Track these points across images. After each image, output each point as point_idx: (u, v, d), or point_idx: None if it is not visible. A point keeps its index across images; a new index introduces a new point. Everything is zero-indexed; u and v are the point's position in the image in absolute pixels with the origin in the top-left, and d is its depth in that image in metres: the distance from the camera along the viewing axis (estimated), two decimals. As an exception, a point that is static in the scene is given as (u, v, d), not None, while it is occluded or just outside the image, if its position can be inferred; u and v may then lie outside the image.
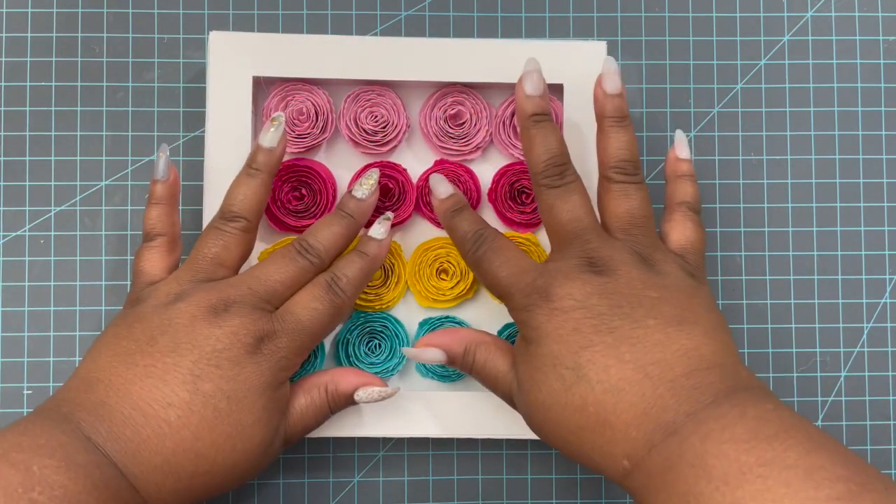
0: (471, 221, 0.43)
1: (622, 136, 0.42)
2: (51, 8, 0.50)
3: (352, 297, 0.42)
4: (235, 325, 0.39)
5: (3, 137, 0.49)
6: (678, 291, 0.39)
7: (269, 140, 0.43)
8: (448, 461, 0.49)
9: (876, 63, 0.52)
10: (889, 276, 0.51)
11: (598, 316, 0.38)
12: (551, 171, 0.42)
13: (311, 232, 0.43)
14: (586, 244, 0.40)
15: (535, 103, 0.43)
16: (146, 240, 0.43)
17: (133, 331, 0.40)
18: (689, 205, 0.44)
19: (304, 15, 0.51)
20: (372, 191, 0.44)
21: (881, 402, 0.50)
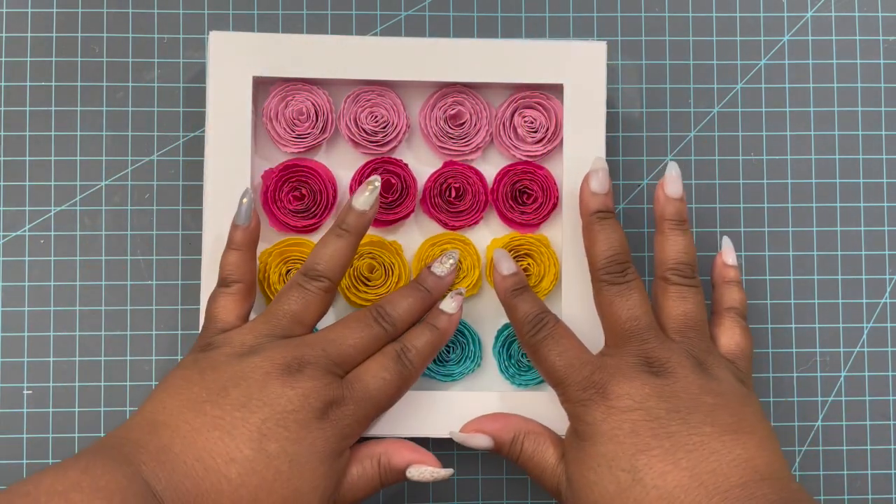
0: (532, 303, 0.43)
1: (681, 239, 0.43)
2: (51, 8, 0.50)
3: (419, 368, 0.43)
4: (307, 388, 0.39)
5: (3, 137, 0.49)
6: (732, 399, 0.40)
7: (362, 202, 0.43)
8: (448, 461, 0.49)
9: (876, 63, 0.52)
10: (889, 276, 0.51)
11: (657, 419, 0.38)
12: (613, 269, 0.42)
13: (389, 300, 0.43)
14: (644, 343, 0.41)
15: (601, 201, 0.43)
16: (221, 285, 0.43)
17: (205, 378, 0.39)
18: (737, 311, 0.45)
19: (304, 15, 0.51)
20: (451, 269, 0.45)
21: (881, 402, 0.50)
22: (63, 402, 0.48)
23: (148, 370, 0.49)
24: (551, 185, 0.48)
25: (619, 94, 0.51)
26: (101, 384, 0.49)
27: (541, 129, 0.48)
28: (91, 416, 0.48)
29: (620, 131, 0.51)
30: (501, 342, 0.48)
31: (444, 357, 0.47)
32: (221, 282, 0.43)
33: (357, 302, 0.47)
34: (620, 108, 0.51)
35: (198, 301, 0.48)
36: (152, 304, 0.49)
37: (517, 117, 0.48)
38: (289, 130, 0.47)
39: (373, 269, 0.47)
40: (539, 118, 0.48)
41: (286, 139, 0.47)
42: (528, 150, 0.48)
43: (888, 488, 0.50)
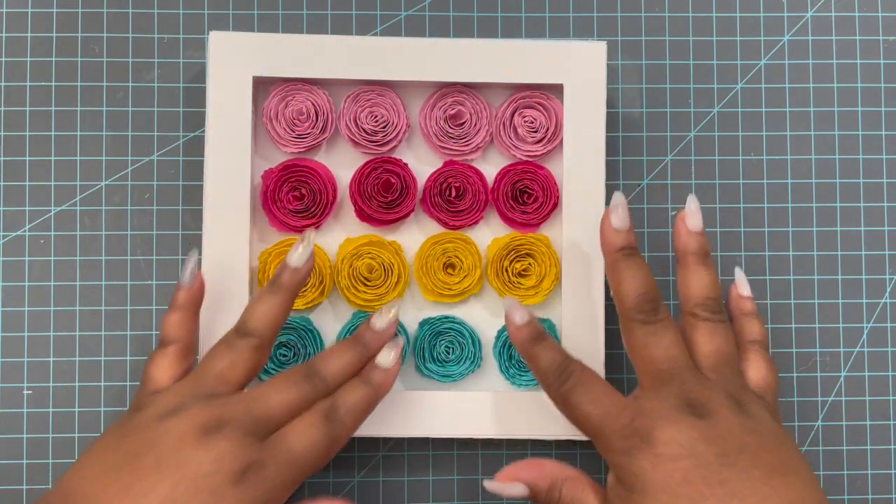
0: (553, 351, 0.41)
1: (706, 274, 0.43)
2: (51, 8, 0.50)
3: (351, 427, 0.41)
4: (222, 450, 0.37)
5: (3, 137, 0.49)
6: (771, 437, 0.39)
7: (296, 259, 0.42)
8: (448, 461, 0.49)
9: (876, 63, 0.52)
10: (889, 276, 0.51)
11: (707, 465, 0.37)
12: (645, 307, 0.41)
13: (323, 357, 0.42)
14: (683, 384, 0.40)
15: (624, 237, 0.42)
16: (160, 345, 0.43)
17: (122, 444, 0.38)
18: (760, 343, 0.44)
19: (304, 15, 0.51)
20: (391, 323, 0.43)
21: (881, 402, 0.50)
22: (63, 402, 0.48)
23: (148, 370, 0.49)
24: (552, 185, 0.48)
25: (619, 94, 0.51)
26: (101, 384, 0.49)
27: (541, 129, 0.48)
28: (91, 416, 0.48)
29: (620, 131, 0.51)
30: (502, 343, 0.48)
31: (443, 358, 0.47)
32: (160, 342, 0.43)
33: (357, 302, 0.47)
34: (620, 108, 0.51)
35: (198, 301, 0.48)
36: (152, 304, 0.49)
37: (517, 117, 0.48)
38: (289, 130, 0.47)
39: (372, 270, 0.47)
40: (539, 118, 0.48)
41: (286, 139, 0.47)
42: (528, 150, 0.48)
43: (888, 488, 0.50)
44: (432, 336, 0.47)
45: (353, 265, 0.47)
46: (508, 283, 0.48)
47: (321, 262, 0.47)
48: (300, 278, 0.42)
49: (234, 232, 0.46)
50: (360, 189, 0.47)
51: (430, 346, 0.48)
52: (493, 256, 0.47)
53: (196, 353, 0.43)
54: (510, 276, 0.48)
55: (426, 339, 0.47)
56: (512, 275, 0.48)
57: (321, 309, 0.48)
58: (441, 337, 0.48)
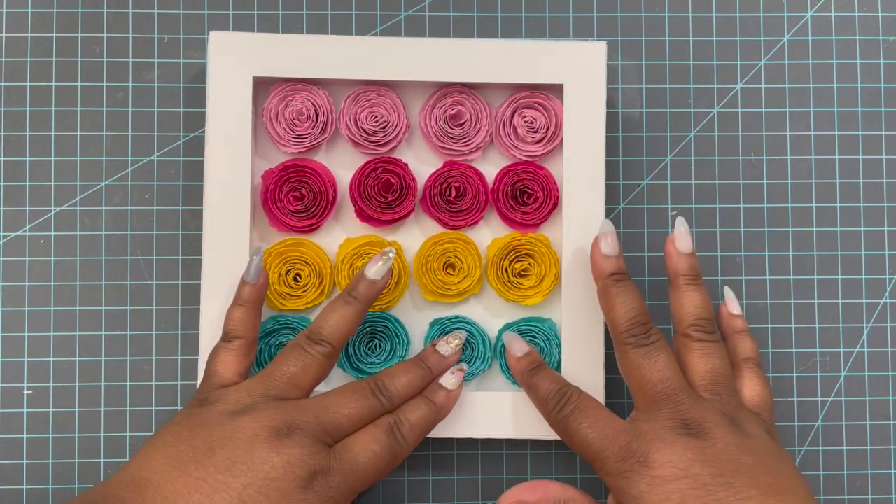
0: (551, 380, 0.43)
1: (697, 295, 0.43)
2: (51, 8, 0.50)
3: (412, 444, 0.42)
4: (293, 455, 0.39)
5: (3, 137, 0.49)
6: (768, 456, 0.39)
7: (375, 272, 0.44)
8: (448, 461, 0.49)
9: (876, 63, 0.52)
10: (889, 276, 0.51)
11: (703, 486, 0.38)
12: (637, 331, 0.42)
13: (389, 374, 0.43)
14: (678, 405, 0.40)
15: (614, 263, 0.43)
16: (224, 339, 0.43)
17: (194, 435, 0.39)
18: (754, 360, 0.45)
19: (304, 15, 0.51)
20: (456, 350, 0.45)
21: (881, 402, 0.50)
22: (63, 402, 0.48)
23: (148, 370, 0.49)
24: (552, 185, 0.48)
25: (619, 94, 0.51)
26: (101, 384, 0.49)
27: (541, 129, 0.48)
28: (91, 416, 0.48)
29: (620, 131, 0.51)
30: (503, 343, 0.48)
31: (453, 358, 0.48)
32: (224, 336, 0.43)
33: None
34: (620, 108, 0.51)
35: (198, 301, 0.48)
36: (152, 304, 0.49)
37: (517, 117, 0.48)
38: (289, 130, 0.47)
39: (373, 269, 0.47)
40: (539, 118, 0.48)
41: (286, 139, 0.47)
42: (528, 150, 0.48)
43: (888, 488, 0.50)
44: (442, 336, 0.47)
45: (353, 265, 0.47)
46: (508, 283, 0.48)
47: (321, 262, 0.47)
48: (377, 291, 0.44)
49: (234, 232, 0.46)
50: (360, 189, 0.47)
51: None
52: (493, 256, 0.47)
53: (256, 351, 0.44)
54: (510, 277, 0.48)
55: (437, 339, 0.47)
56: (512, 275, 0.48)
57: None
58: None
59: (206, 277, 0.46)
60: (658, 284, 0.50)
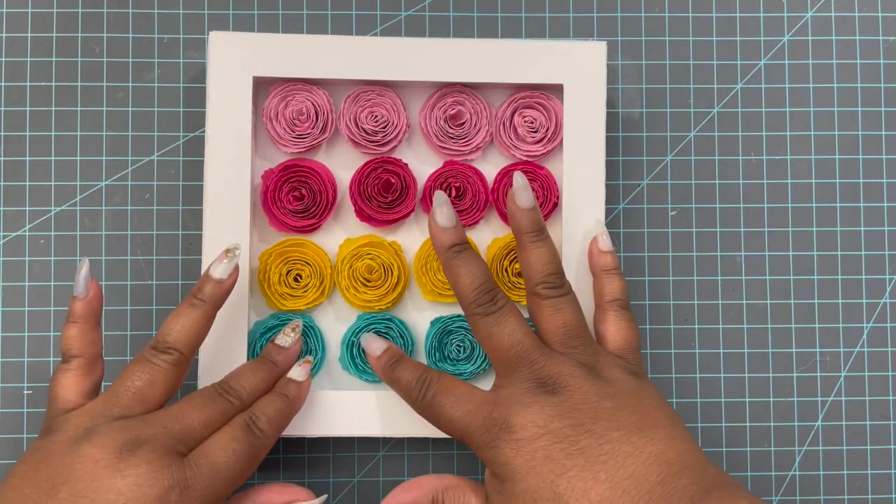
0: (412, 370, 0.42)
1: (542, 251, 0.43)
2: (51, 8, 0.50)
3: (271, 437, 0.41)
4: (141, 476, 0.36)
5: (3, 137, 0.49)
6: (629, 396, 0.39)
7: (220, 271, 0.42)
8: (448, 461, 0.49)
9: (876, 63, 0.52)
10: (889, 276, 0.51)
11: (565, 438, 0.38)
12: (483, 299, 0.41)
13: (234, 375, 0.42)
14: (532, 364, 0.40)
15: (451, 234, 0.42)
16: (62, 362, 0.41)
17: (37, 475, 0.37)
18: (619, 302, 0.44)
19: (304, 15, 0.51)
20: (296, 340, 0.44)
21: (881, 402, 0.50)
22: (63, 402, 0.48)
23: (148, 370, 0.49)
24: (552, 185, 0.48)
25: (619, 94, 0.51)
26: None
27: (541, 129, 0.48)
28: (91, 416, 0.48)
29: (620, 131, 0.51)
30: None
31: (455, 356, 0.47)
32: (62, 357, 0.41)
33: (356, 303, 0.47)
34: (620, 108, 0.51)
35: (198, 301, 0.48)
36: (152, 304, 0.49)
37: (517, 117, 0.48)
38: (289, 130, 0.47)
39: (372, 270, 0.47)
40: (539, 118, 0.48)
41: (286, 139, 0.47)
42: (528, 150, 0.48)
43: (888, 488, 0.50)
44: (443, 335, 0.47)
45: (353, 266, 0.47)
46: (508, 283, 0.48)
47: (322, 262, 0.47)
48: (224, 291, 0.42)
49: (234, 232, 0.46)
50: (360, 189, 0.47)
51: (441, 345, 0.48)
52: (494, 256, 0.47)
53: (101, 368, 0.42)
54: (510, 276, 0.48)
55: (437, 338, 0.47)
56: (512, 275, 0.48)
57: (321, 309, 0.48)
58: (452, 336, 0.48)
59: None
60: (659, 284, 0.50)
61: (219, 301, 0.42)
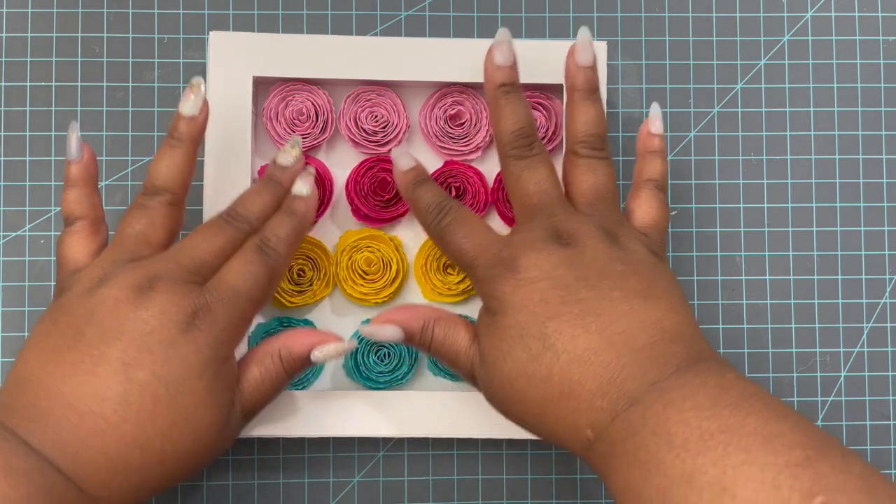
0: (434, 193, 0.42)
1: (591, 110, 0.42)
2: (51, 8, 0.50)
3: (285, 256, 0.41)
4: (163, 303, 0.37)
5: (3, 137, 0.49)
6: (642, 266, 0.39)
7: (189, 108, 0.41)
8: (448, 461, 0.49)
9: (876, 63, 0.52)
10: (889, 276, 0.51)
11: (565, 287, 0.37)
12: (520, 143, 0.41)
13: (239, 201, 0.42)
14: (552, 216, 0.40)
15: (506, 73, 0.42)
16: (66, 224, 0.41)
17: (59, 325, 0.38)
18: (656, 183, 0.43)
19: (304, 15, 0.51)
20: (297, 158, 0.43)
21: (881, 402, 0.50)
22: (63, 402, 0.48)
23: (148, 370, 0.49)
24: (551, 185, 0.48)
25: (619, 94, 0.51)
26: (101, 384, 0.48)
27: (541, 128, 0.48)
28: (91, 416, 0.48)
29: (620, 131, 0.51)
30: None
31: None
32: (65, 221, 0.41)
33: (354, 296, 0.47)
34: (620, 108, 0.51)
35: (198, 301, 0.48)
36: (152, 304, 0.49)
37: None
38: (289, 130, 0.47)
39: (371, 263, 0.47)
40: (539, 118, 0.48)
41: (286, 139, 0.47)
42: (528, 150, 0.48)
43: (888, 488, 0.50)
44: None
45: (352, 258, 0.47)
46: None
47: (321, 255, 0.47)
48: (198, 127, 0.42)
49: (234, 232, 0.46)
50: (356, 188, 0.47)
51: None
52: (493, 256, 0.47)
53: (106, 229, 0.43)
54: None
55: None
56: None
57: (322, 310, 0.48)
58: None
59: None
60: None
61: (196, 138, 0.42)
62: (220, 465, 0.48)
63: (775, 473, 0.31)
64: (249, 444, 0.48)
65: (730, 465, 0.32)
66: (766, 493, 0.31)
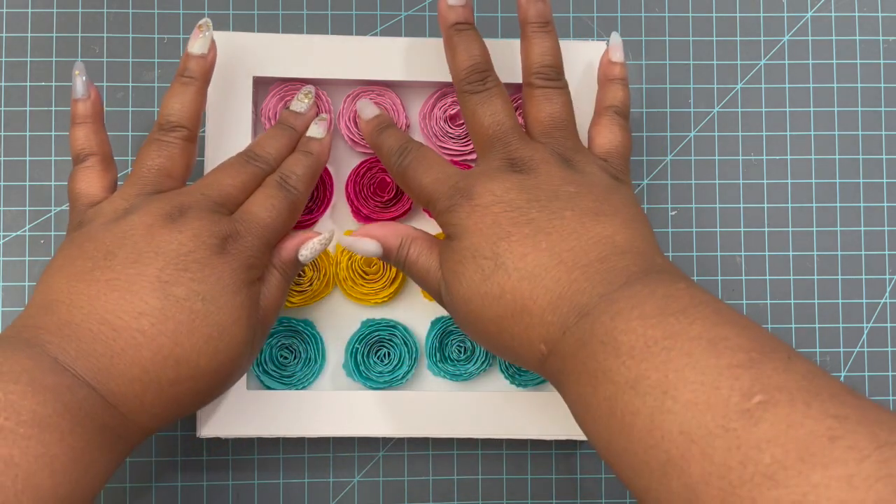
0: (396, 137, 0.43)
1: (545, 41, 0.43)
2: (51, 8, 0.50)
3: (304, 192, 0.42)
4: (196, 228, 0.38)
5: (3, 137, 0.49)
6: (597, 188, 0.39)
7: (199, 47, 0.43)
8: (448, 461, 0.49)
9: (876, 63, 0.52)
10: (889, 276, 0.51)
11: (517, 209, 0.38)
12: (473, 78, 0.42)
13: (256, 143, 0.43)
14: (507, 146, 0.41)
15: (458, 12, 0.43)
16: (77, 162, 0.42)
17: (84, 250, 0.38)
18: (616, 109, 0.44)
19: (304, 15, 0.51)
20: (310, 105, 0.45)
21: (881, 402, 0.50)
22: (63, 402, 0.48)
23: (148, 370, 0.49)
24: (551, 185, 0.48)
25: (619, 94, 0.51)
26: (101, 384, 0.48)
27: (541, 129, 0.48)
28: (91, 416, 0.48)
29: (620, 131, 0.51)
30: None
31: (455, 357, 0.47)
32: (75, 159, 0.42)
33: (354, 296, 0.47)
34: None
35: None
36: (152, 304, 0.49)
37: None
38: (289, 130, 0.47)
39: (371, 263, 0.47)
40: (539, 118, 0.48)
41: (286, 139, 0.47)
42: (527, 150, 0.48)
43: (888, 488, 0.50)
44: (443, 335, 0.47)
45: (352, 258, 0.47)
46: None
47: (322, 255, 0.47)
48: (208, 66, 0.43)
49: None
50: (355, 189, 0.47)
51: (442, 346, 0.48)
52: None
53: (115, 165, 0.43)
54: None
55: (437, 339, 0.47)
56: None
57: (322, 311, 0.48)
58: (452, 336, 0.48)
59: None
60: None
61: (206, 76, 0.43)
62: (220, 465, 0.48)
63: (716, 375, 0.31)
64: (250, 444, 0.49)
65: (672, 369, 0.32)
66: (706, 393, 0.31)
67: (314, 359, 0.47)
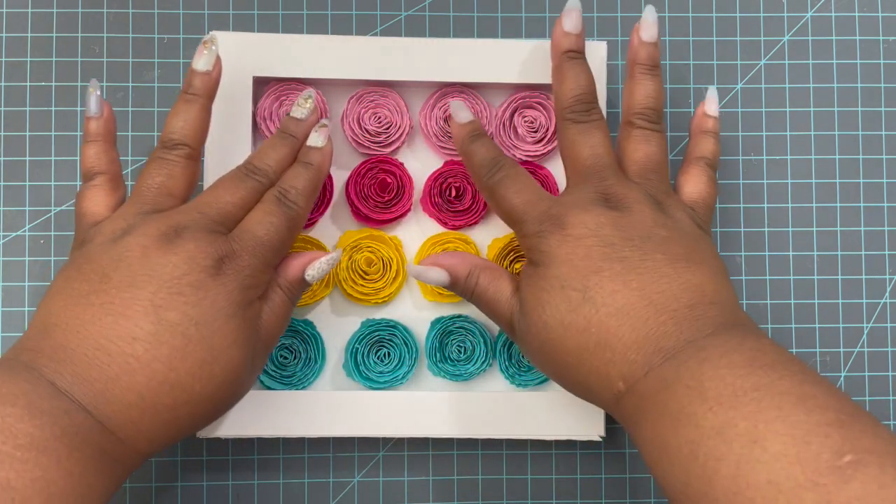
0: (489, 148, 0.43)
1: (651, 83, 0.43)
2: (51, 8, 0.50)
3: (304, 207, 0.42)
4: (191, 249, 0.38)
5: (3, 137, 0.49)
6: (686, 235, 0.40)
7: (203, 63, 0.42)
8: (448, 461, 0.49)
9: (876, 63, 0.52)
10: (889, 276, 0.51)
11: (610, 245, 0.38)
12: (578, 108, 0.42)
13: (256, 155, 0.43)
14: (603, 181, 0.41)
15: (572, 40, 0.43)
16: (86, 180, 0.42)
17: (82, 272, 0.38)
18: (707, 161, 0.44)
19: (304, 15, 0.51)
20: (311, 110, 0.44)
21: (881, 402, 0.50)
22: (63, 402, 0.48)
23: (148, 370, 0.49)
24: (551, 185, 0.48)
25: (619, 94, 0.51)
26: (101, 384, 0.48)
27: (541, 129, 0.48)
28: (91, 416, 0.48)
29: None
30: (503, 343, 0.48)
31: (455, 357, 0.47)
32: (84, 176, 0.42)
33: (354, 296, 0.47)
34: (620, 108, 0.51)
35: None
36: (152, 304, 0.49)
37: (517, 117, 0.48)
38: (289, 130, 0.47)
39: (371, 263, 0.47)
40: (539, 118, 0.48)
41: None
42: (528, 150, 0.48)
43: (888, 488, 0.50)
44: (443, 335, 0.47)
45: (352, 258, 0.47)
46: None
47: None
48: (212, 83, 0.43)
49: (234, 232, 0.46)
50: (356, 189, 0.47)
51: (442, 346, 0.47)
52: (493, 257, 0.47)
53: (124, 185, 0.43)
54: (510, 276, 0.47)
55: (437, 339, 0.47)
56: (512, 275, 0.48)
57: (322, 310, 0.48)
58: (452, 336, 0.48)
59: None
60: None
61: (210, 93, 0.43)
62: (220, 465, 0.48)
63: (807, 431, 0.32)
64: (249, 444, 0.49)
65: (762, 420, 0.32)
66: (797, 447, 0.31)
67: (314, 359, 0.47)
